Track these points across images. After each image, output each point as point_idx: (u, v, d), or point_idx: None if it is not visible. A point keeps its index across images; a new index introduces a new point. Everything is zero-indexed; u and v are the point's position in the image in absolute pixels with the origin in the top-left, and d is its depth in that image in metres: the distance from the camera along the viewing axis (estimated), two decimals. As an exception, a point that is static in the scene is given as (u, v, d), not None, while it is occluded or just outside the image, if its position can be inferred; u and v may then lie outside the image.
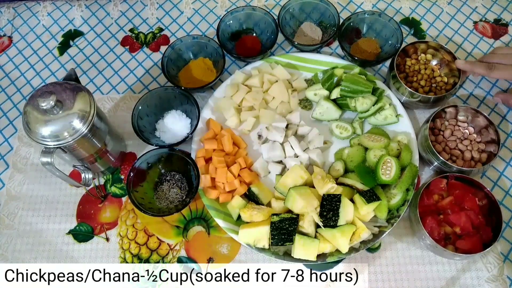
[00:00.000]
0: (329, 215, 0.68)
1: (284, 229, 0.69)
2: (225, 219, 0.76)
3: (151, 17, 1.03)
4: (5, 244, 0.80)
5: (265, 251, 0.73)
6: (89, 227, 0.81)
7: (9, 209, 0.83)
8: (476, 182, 0.73)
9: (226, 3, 1.04)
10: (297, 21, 0.96)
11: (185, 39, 0.91)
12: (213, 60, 0.92)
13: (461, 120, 0.81)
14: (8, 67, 0.99)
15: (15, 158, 0.88)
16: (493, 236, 0.69)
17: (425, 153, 0.78)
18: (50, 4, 1.06)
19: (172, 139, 0.83)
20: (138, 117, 0.82)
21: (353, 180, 0.76)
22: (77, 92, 0.69)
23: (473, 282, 0.74)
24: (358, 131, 0.83)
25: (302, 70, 0.90)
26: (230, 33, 0.95)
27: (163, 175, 0.82)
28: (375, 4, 1.02)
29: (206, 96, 0.90)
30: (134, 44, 0.99)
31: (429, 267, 0.75)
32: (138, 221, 0.81)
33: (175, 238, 0.79)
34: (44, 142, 0.66)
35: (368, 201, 0.70)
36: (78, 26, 1.03)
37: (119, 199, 0.83)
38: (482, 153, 0.77)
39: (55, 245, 0.79)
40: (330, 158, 0.83)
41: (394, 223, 0.73)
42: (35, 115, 0.66)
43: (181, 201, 0.79)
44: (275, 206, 0.75)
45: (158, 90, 0.84)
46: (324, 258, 0.72)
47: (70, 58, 0.99)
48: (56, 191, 0.84)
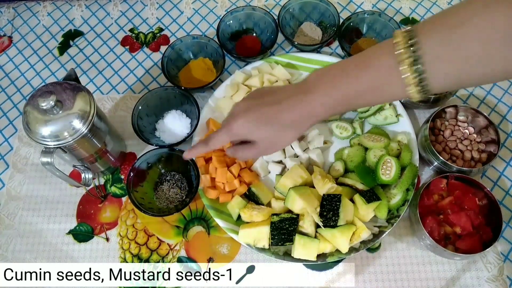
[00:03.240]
0: (329, 215, 0.68)
1: (284, 229, 0.69)
2: (225, 219, 0.76)
3: (151, 17, 1.03)
4: (5, 244, 0.80)
5: (265, 251, 0.73)
6: (89, 227, 0.81)
7: (9, 209, 0.83)
8: (476, 182, 0.73)
9: (226, 3, 1.04)
10: (297, 21, 0.96)
11: (185, 39, 0.91)
12: (213, 60, 0.92)
13: (461, 120, 0.81)
14: (8, 67, 0.99)
15: (15, 158, 0.88)
16: (493, 236, 0.69)
17: (425, 153, 0.78)
18: (50, 4, 1.06)
19: (172, 139, 0.83)
20: (138, 117, 0.82)
21: (353, 180, 0.76)
22: (77, 92, 0.69)
23: (473, 282, 0.74)
24: (358, 131, 0.83)
25: (302, 70, 0.90)
26: (230, 33, 0.95)
27: (163, 175, 0.82)
28: (375, 4, 1.02)
29: (206, 96, 0.90)
30: (134, 44, 0.99)
31: (429, 267, 0.75)
32: (138, 221, 0.81)
33: (175, 238, 0.79)
34: (44, 142, 0.66)
35: (368, 201, 0.70)
36: (78, 26, 1.03)
37: (119, 199, 0.83)
38: (482, 153, 0.77)
39: (55, 245, 0.80)
40: (330, 158, 0.83)
41: (394, 223, 0.73)
42: (35, 115, 0.66)
43: (181, 201, 0.79)
44: (275, 206, 0.75)
45: (158, 90, 0.84)
46: (324, 258, 0.72)
47: (70, 58, 0.99)
48: (56, 191, 0.84)
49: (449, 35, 0.46)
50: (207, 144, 0.63)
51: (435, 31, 0.47)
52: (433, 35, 0.47)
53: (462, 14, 0.46)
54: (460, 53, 0.46)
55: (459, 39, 0.45)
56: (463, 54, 0.46)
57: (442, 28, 0.47)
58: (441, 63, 0.47)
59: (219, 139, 0.62)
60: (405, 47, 0.48)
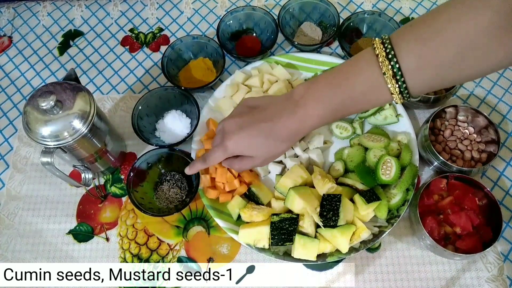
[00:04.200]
0: (329, 215, 0.68)
1: (284, 229, 0.69)
2: (225, 219, 0.76)
3: (151, 17, 1.03)
4: (5, 244, 0.80)
5: (265, 251, 0.73)
6: (89, 227, 0.81)
7: (9, 209, 0.83)
8: (476, 182, 0.73)
9: (226, 3, 1.04)
10: (297, 21, 0.96)
11: (185, 39, 0.91)
12: (213, 60, 0.92)
13: (461, 120, 0.81)
14: (8, 67, 0.99)
15: (15, 158, 0.88)
16: (493, 236, 0.69)
17: (425, 153, 0.78)
18: (50, 4, 1.06)
19: (172, 139, 0.83)
20: (138, 117, 0.82)
21: (353, 180, 0.76)
22: (77, 92, 0.69)
23: (473, 282, 0.74)
24: (358, 131, 0.83)
25: (302, 70, 0.90)
26: (230, 33, 0.95)
27: (163, 175, 0.82)
28: (375, 4, 1.02)
29: (206, 96, 0.90)
30: (134, 44, 0.99)
31: (429, 267, 0.75)
32: (138, 221, 0.81)
33: (175, 238, 0.79)
34: (44, 142, 0.66)
35: (368, 201, 0.70)
36: (78, 26, 1.03)
37: (119, 199, 0.83)
38: (482, 153, 0.77)
39: (55, 245, 0.80)
40: (330, 158, 0.83)
41: (394, 223, 0.73)
42: (35, 115, 0.66)
43: (181, 201, 0.79)
44: (275, 206, 0.75)
45: (158, 90, 0.84)
46: (324, 258, 0.72)
47: (70, 58, 0.99)
48: (56, 191, 0.84)
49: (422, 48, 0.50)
50: (205, 161, 0.68)
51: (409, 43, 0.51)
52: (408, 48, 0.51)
53: (434, 25, 0.50)
54: (434, 62, 0.50)
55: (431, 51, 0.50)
56: (437, 63, 0.50)
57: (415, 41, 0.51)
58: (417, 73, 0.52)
59: (215, 157, 0.66)
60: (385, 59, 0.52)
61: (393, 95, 0.54)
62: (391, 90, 0.53)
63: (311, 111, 0.59)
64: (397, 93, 0.53)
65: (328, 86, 0.59)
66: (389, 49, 0.52)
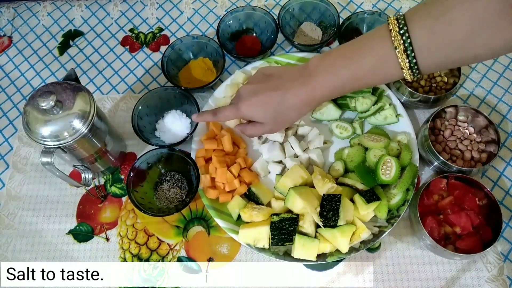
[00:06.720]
0: (329, 215, 0.68)
1: (284, 229, 0.69)
2: (225, 219, 0.76)
3: (151, 17, 1.03)
4: (5, 244, 0.80)
5: (265, 251, 0.73)
6: (89, 227, 0.81)
7: (9, 209, 0.83)
8: (476, 182, 0.73)
9: (226, 3, 1.04)
10: (297, 21, 0.96)
11: (185, 39, 0.91)
12: (213, 60, 0.92)
13: (461, 120, 0.81)
14: (8, 67, 0.99)
15: (15, 158, 0.88)
16: (493, 236, 0.69)
17: (425, 153, 0.78)
18: (50, 4, 1.06)
19: (172, 139, 0.83)
20: (138, 117, 0.82)
21: (353, 180, 0.76)
22: (77, 92, 0.69)
23: (473, 282, 0.74)
24: (358, 131, 0.83)
25: (302, 70, 0.90)
26: (230, 33, 0.95)
27: (163, 175, 0.82)
28: (375, 4, 1.02)
29: (206, 96, 0.90)
30: (134, 44, 0.99)
31: (429, 267, 0.75)
32: (138, 221, 0.81)
33: (175, 238, 0.79)
34: (44, 142, 0.66)
35: (368, 201, 0.70)
36: (78, 26, 1.03)
37: (119, 199, 0.83)
38: (482, 153, 0.77)
39: (55, 245, 0.80)
40: (330, 158, 0.83)
41: (394, 223, 0.73)
42: (35, 115, 0.66)
43: (181, 201, 0.79)
44: (275, 206, 0.75)
45: (158, 90, 0.84)
46: (324, 258, 0.72)
47: (70, 58, 0.99)
48: (56, 191, 0.84)
49: (434, 24, 0.52)
50: (215, 114, 0.71)
51: (422, 19, 0.53)
52: (421, 24, 0.53)
53: (446, 2, 0.51)
54: (444, 39, 0.51)
55: (442, 28, 0.51)
56: (447, 41, 0.51)
57: (428, 17, 0.52)
58: (428, 49, 0.53)
59: (226, 114, 0.70)
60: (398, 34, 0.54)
61: (403, 70, 0.55)
62: (401, 65, 0.55)
63: (322, 82, 0.62)
64: (407, 68, 0.55)
65: (340, 58, 0.61)
66: (402, 25, 0.53)
